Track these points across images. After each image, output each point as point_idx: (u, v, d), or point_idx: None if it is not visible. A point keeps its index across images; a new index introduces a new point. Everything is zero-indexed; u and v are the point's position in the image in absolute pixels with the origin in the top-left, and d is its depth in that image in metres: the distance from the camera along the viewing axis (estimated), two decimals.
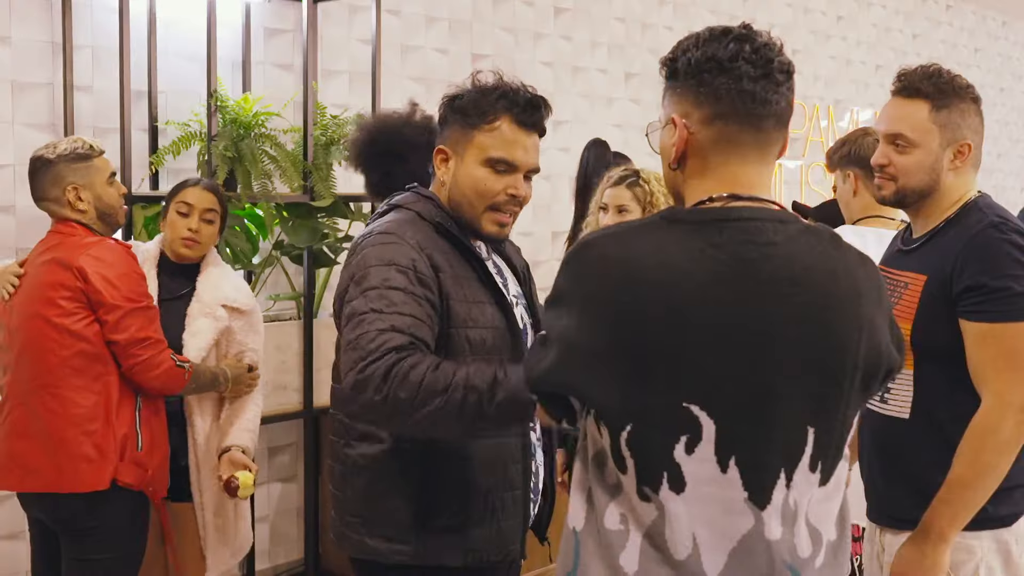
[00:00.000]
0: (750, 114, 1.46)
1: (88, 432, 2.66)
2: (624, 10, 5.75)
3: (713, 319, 1.39)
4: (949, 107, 2.17)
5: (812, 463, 1.45)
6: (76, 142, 2.80)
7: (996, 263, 2.06)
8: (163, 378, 2.74)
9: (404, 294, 1.89)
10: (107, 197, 2.82)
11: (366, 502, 2.05)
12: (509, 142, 2.03)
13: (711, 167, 1.49)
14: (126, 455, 2.71)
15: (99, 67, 3.71)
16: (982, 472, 2.05)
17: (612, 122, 5.65)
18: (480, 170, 2.04)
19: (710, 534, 1.42)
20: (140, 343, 2.70)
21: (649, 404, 1.39)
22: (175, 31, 3.87)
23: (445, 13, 4.88)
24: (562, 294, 1.46)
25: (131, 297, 2.70)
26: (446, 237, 2.05)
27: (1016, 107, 9.40)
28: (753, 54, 1.46)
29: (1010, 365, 2.04)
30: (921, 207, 2.24)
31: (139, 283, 2.75)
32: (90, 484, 2.66)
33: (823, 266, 1.46)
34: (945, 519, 2.06)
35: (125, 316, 2.68)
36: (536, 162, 2.08)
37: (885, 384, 1.57)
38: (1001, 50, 9.22)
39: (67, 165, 2.76)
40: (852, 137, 3.13)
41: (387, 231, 2.00)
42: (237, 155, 3.64)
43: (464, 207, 2.07)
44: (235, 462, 2.94)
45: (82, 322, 2.66)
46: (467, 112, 2.05)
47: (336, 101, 4.33)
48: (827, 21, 7.21)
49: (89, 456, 2.66)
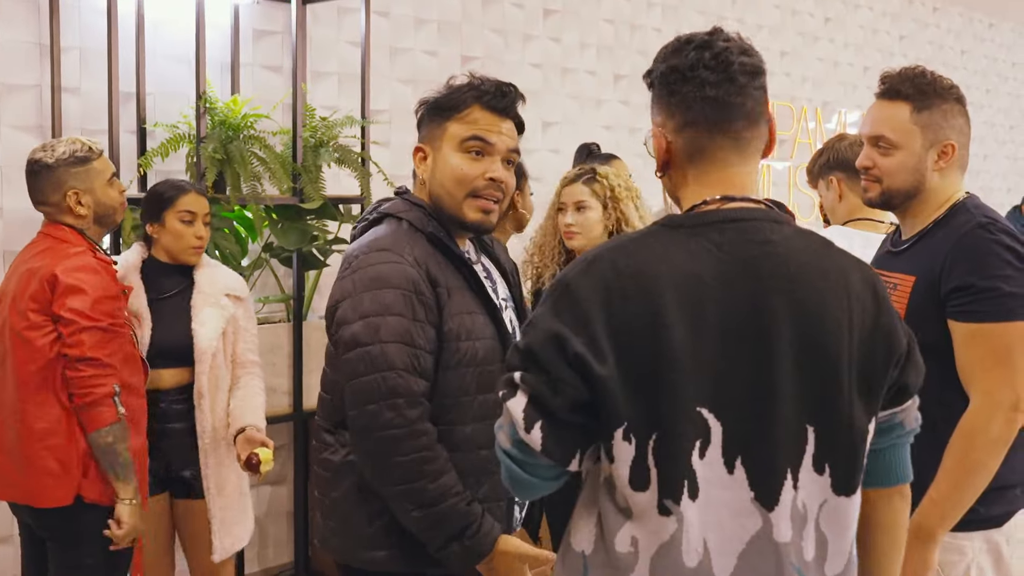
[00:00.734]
0: (718, 120, 1.49)
1: (50, 447, 2.63)
2: (613, 12, 5.76)
3: (721, 318, 1.41)
4: (931, 108, 2.18)
5: (816, 464, 1.46)
6: (74, 144, 2.77)
7: (984, 263, 2.07)
8: (95, 404, 2.60)
9: (405, 320, 1.92)
10: (107, 199, 2.79)
11: (348, 507, 2.06)
12: (482, 125, 2.05)
13: (693, 173, 1.52)
14: (90, 471, 2.65)
15: (87, 69, 3.69)
16: (971, 471, 2.05)
17: (601, 124, 5.66)
18: (456, 156, 2.05)
19: (720, 538, 1.42)
20: (87, 361, 2.60)
21: (668, 410, 1.39)
22: (163, 32, 3.86)
23: (434, 15, 4.88)
24: (577, 312, 1.42)
25: (92, 316, 2.61)
26: (437, 246, 2.05)
27: (1002, 108, 9.45)
28: (712, 60, 1.48)
29: (998, 364, 2.05)
30: (908, 208, 2.25)
31: (108, 304, 2.66)
32: (55, 499, 2.64)
33: (816, 265, 1.48)
34: (934, 518, 2.07)
35: (81, 331, 2.60)
36: (513, 145, 2.09)
37: (901, 397, 1.57)
38: (987, 51, 9.27)
39: (67, 170, 2.72)
40: (828, 145, 3.17)
41: (384, 247, 2.00)
42: (226, 157, 3.64)
43: (445, 198, 2.06)
44: (252, 440, 2.98)
45: (47, 337, 2.61)
46: (440, 106, 2.08)
47: (325, 103, 4.32)
48: (815, 23, 7.23)
49: (52, 471, 2.63)
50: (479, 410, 2.01)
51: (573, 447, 1.44)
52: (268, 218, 3.86)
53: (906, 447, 1.64)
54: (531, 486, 1.48)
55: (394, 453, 1.88)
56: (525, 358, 1.44)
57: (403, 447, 1.88)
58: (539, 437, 1.42)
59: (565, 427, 1.43)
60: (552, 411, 1.42)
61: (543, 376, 1.42)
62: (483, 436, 2.00)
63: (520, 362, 1.45)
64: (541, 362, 1.42)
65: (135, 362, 2.80)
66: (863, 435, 1.50)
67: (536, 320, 1.45)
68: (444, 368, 1.97)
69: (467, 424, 2.00)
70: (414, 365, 1.91)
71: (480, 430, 2.00)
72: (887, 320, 1.52)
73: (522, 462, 1.46)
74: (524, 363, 1.44)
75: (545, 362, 1.41)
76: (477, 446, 2.01)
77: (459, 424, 2.00)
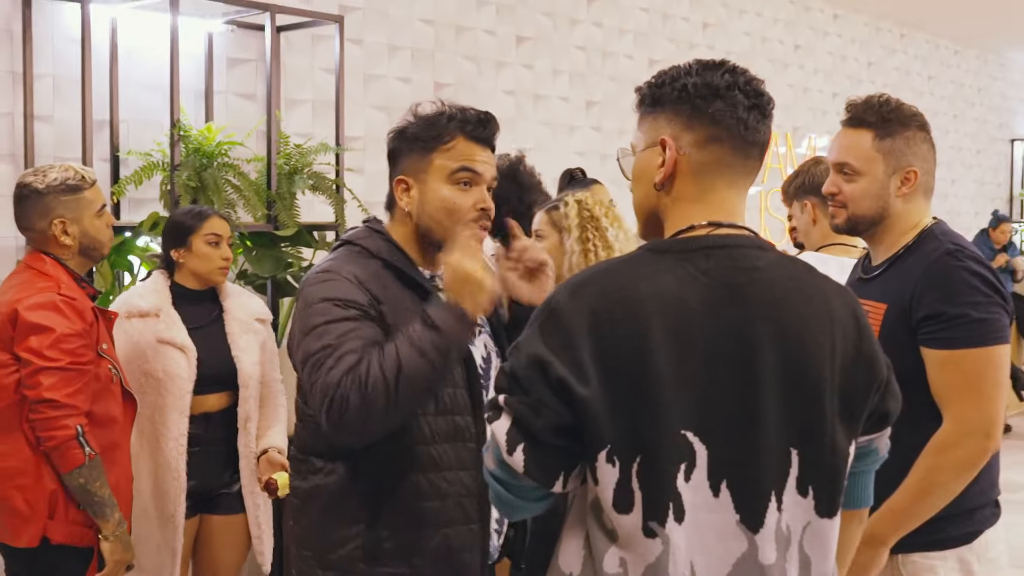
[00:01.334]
0: (743, 140, 1.52)
1: (19, 487, 2.58)
2: (585, 39, 5.81)
3: (706, 343, 1.43)
4: (893, 135, 2.22)
5: (800, 486, 1.47)
6: (67, 171, 2.71)
7: (953, 291, 2.10)
8: (59, 447, 2.54)
9: (348, 322, 1.93)
10: (94, 231, 2.73)
11: (318, 534, 2.05)
12: (468, 156, 2.07)
13: (701, 189, 1.53)
14: (58, 512, 2.60)
15: (60, 96, 3.69)
16: (932, 490, 2.09)
17: (574, 150, 5.70)
18: (445, 188, 2.06)
19: (706, 561, 1.43)
20: (45, 402, 2.54)
21: (652, 434, 1.40)
22: (137, 60, 3.86)
23: (407, 42, 4.90)
24: (563, 335, 1.42)
25: (49, 356, 2.54)
26: (392, 271, 2.06)
27: (969, 133, 9.58)
28: (746, 85, 1.52)
29: (970, 390, 2.08)
30: (875, 234, 2.28)
31: (70, 342, 2.57)
32: (23, 540, 2.60)
33: (800, 291, 1.50)
34: (889, 526, 2.10)
35: (38, 372, 2.54)
36: (495, 173, 2.12)
37: (880, 425, 1.60)
38: (954, 77, 9.41)
39: (56, 197, 2.66)
40: (804, 168, 3.17)
41: (325, 269, 2.04)
42: (200, 185, 3.64)
43: (435, 230, 2.08)
44: (273, 463, 3.13)
45: (12, 376, 2.57)
46: (421, 138, 2.08)
47: (299, 130, 4.33)
48: (784, 49, 7.32)
49: (20, 511, 2.59)
50: (442, 429, 2.02)
51: (556, 469, 1.45)
52: (242, 245, 3.86)
53: (872, 473, 1.68)
54: (517, 506, 1.50)
55: (372, 405, 1.83)
56: (510, 381, 1.46)
57: (369, 395, 1.83)
58: (521, 460, 1.43)
59: (547, 450, 1.43)
60: (534, 434, 1.43)
61: (525, 399, 1.43)
62: (447, 458, 2.01)
63: (505, 385, 1.47)
64: (524, 386, 1.43)
65: (111, 395, 2.73)
66: (845, 458, 1.52)
67: (521, 344, 1.47)
68: None
69: (429, 444, 2.01)
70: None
71: (443, 451, 2.02)
72: (868, 347, 1.54)
73: (507, 484, 1.47)
74: (509, 386, 1.46)
75: (527, 386, 1.43)
76: (441, 467, 2.02)
77: (420, 444, 2.00)
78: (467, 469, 2.05)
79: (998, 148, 10.14)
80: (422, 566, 2.01)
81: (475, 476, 2.06)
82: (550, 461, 1.44)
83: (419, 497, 2.01)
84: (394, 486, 2.01)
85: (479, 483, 2.05)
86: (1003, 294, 2.13)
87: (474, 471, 2.05)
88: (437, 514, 2.01)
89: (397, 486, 2.01)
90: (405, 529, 2.01)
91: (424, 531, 2.01)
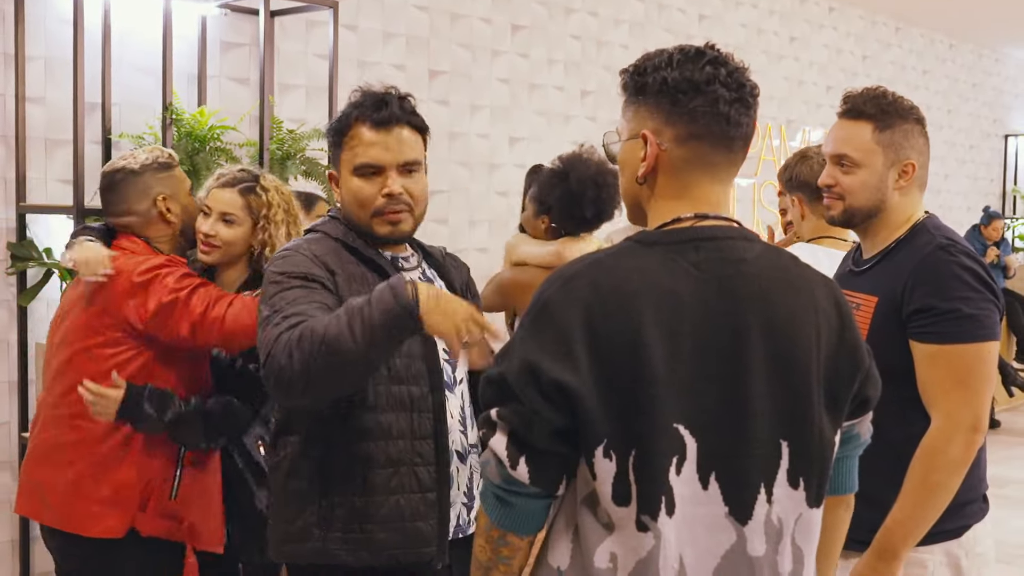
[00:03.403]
0: (724, 135, 1.49)
1: (108, 474, 2.50)
2: (580, 28, 5.80)
3: (697, 336, 1.43)
4: (892, 128, 2.21)
5: (791, 478, 1.48)
6: (155, 151, 2.67)
7: (945, 286, 2.09)
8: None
9: (300, 290, 1.99)
10: (192, 208, 2.68)
11: (281, 507, 2.12)
12: (367, 145, 2.11)
13: (682, 185, 1.51)
14: (150, 505, 2.51)
15: (52, 78, 3.67)
16: (932, 492, 2.08)
17: (569, 139, 5.68)
18: (353, 181, 2.13)
19: (695, 554, 1.44)
20: (214, 322, 2.46)
21: (646, 428, 1.40)
22: (130, 43, 3.84)
23: (402, 29, 4.89)
24: (556, 331, 1.42)
25: (182, 284, 2.47)
26: (352, 252, 2.12)
27: (963, 128, 9.59)
28: (728, 77, 1.49)
29: (959, 385, 2.08)
30: (869, 227, 2.28)
31: (192, 274, 2.55)
32: (97, 530, 2.49)
33: (786, 281, 1.50)
34: (898, 537, 2.09)
35: (191, 294, 2.46)
36: (407, 155, 2.12)
37: (861, 410, 1.60)
38: (948, 72, 9.41)
39: (153, 175, 2.61)
40: (791, 163, 3.11)
41: (286, 248, 2.13)
42: (192, 169, 3.62)
43: (354, 221, 2.15)
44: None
45: (124, 355, 2.50)
46: (332, 131, 2.17)
47: (292, 116, 4.31)
48: (780, 42, 7.32)
49: (105, 500, 2.49)
50: (394, 397, 2.05)
51: (559, 474, 1.46)
52: None
53: (856, 459, 1.69)
54: (530, 515, 1.49)
55: (302, 363, 1.85)
56: (500, 390, 1.45)
57: (296, 353, 1.86)
58: (526, 472, 1.44)
59: (548, 457, 1.44)
60: (532, 444, 1.43)
61: (519, 408, 1.43)
62: (397, 426, 2.05)
63: (495, 397, 1.46)
64: (516, 394, 1.42)
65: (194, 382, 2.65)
66: (831, 447, 1.53)
67: (512, 346, 1.46)
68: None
69: (378, 412, 2.04)
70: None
71: (393, 420, 2.04)
72: (851, 335, 1.55)
73: (515, 494, 1.47)
74: (500, 397, 1.45)
75: (520, 394, 1.42)
76: (391, 435, 2.05)
77: (369, 411, 2.04)
78: (424, 439, 2.08)
79: (992, 144, 10.16)
80: (373, 531, 2.04)
81: (434, 446, 2.08)
82: (552, 467, 1.45)
83: (369, 464, 2.04)
84: (343, 454, 2.05)
85: (439, 453, 2.08)
86: (995, 290, 2.13)
87: (432, 440, 2.08)
88: (388, 481, 2.04)
89: (346, 453, 2.05)
90: (355, 496, 2.05)
91: (375, 497, 2.04)
